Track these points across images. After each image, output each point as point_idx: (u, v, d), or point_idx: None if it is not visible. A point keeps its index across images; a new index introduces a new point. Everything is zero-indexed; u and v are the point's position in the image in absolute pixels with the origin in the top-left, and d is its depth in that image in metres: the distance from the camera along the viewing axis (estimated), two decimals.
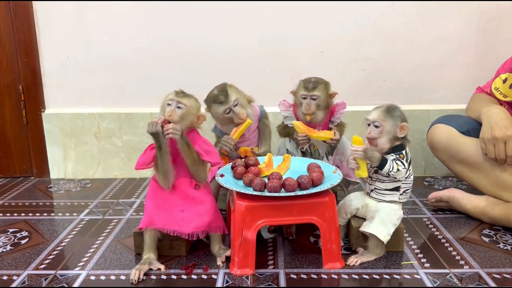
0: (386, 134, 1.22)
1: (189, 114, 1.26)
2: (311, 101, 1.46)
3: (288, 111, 1.54)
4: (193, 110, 1.27)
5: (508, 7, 1.92)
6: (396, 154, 1.23)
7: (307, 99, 1.47)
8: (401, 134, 1.22)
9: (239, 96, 1.48)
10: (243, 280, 1.17)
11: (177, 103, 1.25)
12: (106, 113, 2.03)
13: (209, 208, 1.27)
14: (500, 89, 1.59)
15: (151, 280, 1.19)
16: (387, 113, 1.21)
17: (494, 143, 1.41)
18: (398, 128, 1.21)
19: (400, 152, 1.23)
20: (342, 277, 1.19)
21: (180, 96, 1.26)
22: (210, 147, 1.31)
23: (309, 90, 1.46)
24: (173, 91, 1.28)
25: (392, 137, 1.22)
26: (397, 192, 1.27)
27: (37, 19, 1.97)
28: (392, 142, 1.23)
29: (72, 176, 2.09)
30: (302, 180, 1.20)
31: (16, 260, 1.31)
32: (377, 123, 1.22)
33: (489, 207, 1.48)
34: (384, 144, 1.22)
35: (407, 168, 1.23)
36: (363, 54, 1.97)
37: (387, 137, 1.22)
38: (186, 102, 1.25)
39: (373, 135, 1.22)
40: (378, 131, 1.22)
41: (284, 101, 1.54)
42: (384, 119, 1.21)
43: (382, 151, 1.23)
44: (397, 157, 1.22)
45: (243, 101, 1.48)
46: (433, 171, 2.03)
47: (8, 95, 2.03)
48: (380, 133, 1.22)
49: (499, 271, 1.20)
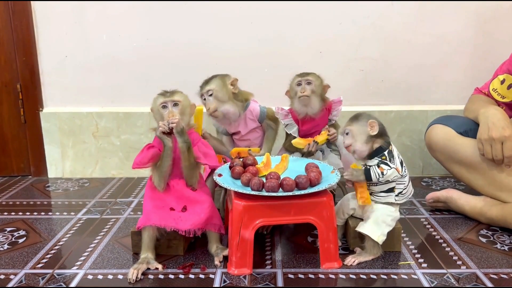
0: (357, 136, 1.24)
1: (186, 107, 1.28)
2: (306, 86, 1.48)
3: (287, 119, 1.54)
4: (186, 102, 1.29)
5: (506, 8, 1.92)
6: (378, 157, 1.24)
7: (302, 84, 1.49)
8: (373, 132, 1.23)
9: (219, 89, 1.45)
10: (240, 280, 1.17)
11: (171, 102, 1.25)
12: (104, 112, 2.03)
13: (206, 206, 1.27)
14: (498, 90, 1.60)
15: (148, 279, 1.19)
16: (352, 119, 1.27)
17: (491, 143, 1.41)
18: (367, 127, 1.23)
19: (382, 154, 1.24)
20: (339, 277, 1.19)
21: (169, 95, 1.27)
22: (209, 150, 1.31)
23: (302, 75, 1.50)
24: (158, 95, 1.29)
25: (367, 138, 1.24)
26: (392, 193, 1.27)
27: (36, 18, 1.97)
28: (371, 145, 1.24)
29: (70, 175, 2.08)
30: (300, 180, 1.20)
31: (13, 259, 1.31)
32: (346, 130, 1.27)
33: (486, 208, 1.48)
34: (360, 147, 1.24)
35: (395, 166, 1.22)
36: (361, 54, 1.97)
37: (360, 139, 1.24)
38: (178, 98, 1.27)
39: (347, 142, 1.26)
40: (350, 136, 1.26)
41: (281, 110, 1.54)
42: (350, 124, 1.26)
43: (363, 155, 1.25)
44: (380, 160, 1.23)
45: (221, 95, 1.46)
46: (431, 171, 2.03)
47: (6, 94, 2.03)
48: (352, 137, 1.25)
49: (496, 271, 1.21)
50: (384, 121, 1.94)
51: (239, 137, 1.56)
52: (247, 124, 1.54)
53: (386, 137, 1.26)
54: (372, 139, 1.24)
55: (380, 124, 1.25)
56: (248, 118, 1.54)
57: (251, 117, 1.54)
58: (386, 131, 1.27)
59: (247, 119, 1.54)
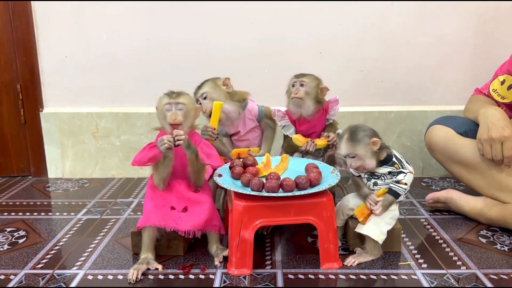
0: (364, 157, 1.22)
1: (190, 110, 1.28)
2: (300, 87, 1.48)
3: (284, 120, 1.54)
4: (191, 105, 1.28)
5: (506, 9, 1.92)
6: (388, 165, 1.24)
7: (296, 85, 1.49)
8: (377, 147, 1.22)
9: (212, 91, 1.48)
10: (240, 280, 1.17)
11: (175, 105, 1.25)
12: (104, 112, 2.03)
13: (206, 207, 1.27)
14: (498, 90, 1.60)
15: (148, 279, 1.19)
16: (352, 141, 1.21)
17: (491, 144, 1.41)
18: (370, 145, 1.21)
19: (392, 162, 1.23)
20: (339, 277, 1.19)
21: (175, 96, 1.26)
22: (211, 150, 1.31)
23: (298, 77, 1.50)
24: (164, 95, 1.28)
25: (372, 154, 1.22)
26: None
27: (36, 18, 1.97)
28: (377, 156, 1.24)
29: (70, 176, 2.08)
30: (300, 180, 1.20)
31: (13, 260, 1.31)
32: (351, 154, 1.23)
33: (486, 208, 1.48)
34: (369, 164, 1.23)
35: (408, 170, 1.24)
36: (361, 55, 1.97)
37: (367, 157, 1.22)
38: (183, 100, 1.26)
39: (355, 165, 1.23)
40: (356, 159, 1.23)
41: (278, 111, 1.54)
42: (353, 147, 1.22)
43: (372, 168, 1.24)
44: (393, 170, 1.23)
45: (216, 96, 1.48)
46: (431, 172, 2.03)
47: (6, 94, 2.03)
48: (359, 159, 1.23)
49: (496, 271, 1.21)
50: (384, 121, 1.98)
51: (238, 137, 1.57)
52: (246, 124, 1.55)
53: (386, 147, 1.26)
54: (377, 152, 1.23)
55: (377, 133, 1.25)
56: (247, 118, 1.55)
57: (250, 117, 1.55)
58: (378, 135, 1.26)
59: (246, 119, 1.55)
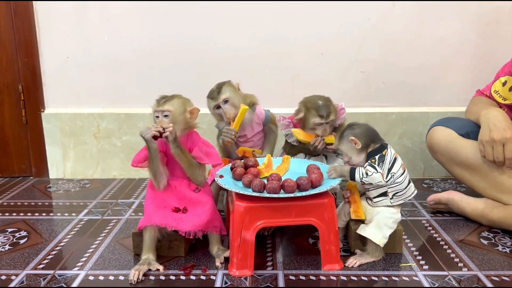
0: (349, 153, 1.27)
1: (178, 116, 1.27)
2: (326, 126, 1.48)
3: (288, 129, 1.53)
4: (178, 110, 1.27)
5: (508, 10, 1.92)
6: (369, 160, 1.24)
7: (322, 125, 1.48)
8: (358, 146, 1.24)
9: (233, 96, 1.47)
10: (241, 281, 1.17)
11: (161, 112, 1.25)
12: (106, 113, 2.03)
13: (207, 208, 1.27)
14: (500, 92, 1.60)
15: (149, 280, 1.19)
16: (339, 139, 1.30)
17: (493, 145, 1.41)
18: (351, 143, 1.25)
19: (372, 157, 1.24)
20: (340, 278, 1.19)
21: (162, 104, 1.26)
22: (210, 149, 1.31)
23: (324, 118, 1.47)
24: (155, 100, 1.29)
25: (357, 151, 1.25)
26: (386, 197, 1.27)
27: (37, 19, 1.97)
28: (364, 153, 1.25)
29: (71, 176, 2.08)
30: (301, 181, 1.20)
31: (14, 260, 1.31)
32: (338, 150, 1.34)
33: (488, 210, 1.48)
34: (356, 159, 1.26)
35: (381, 171, 1.22)
36: (362, 56, 1.97)
37: (352, 154, 1.26)
38: (169, 107, 1.25)
39: (345, 160, 1.30)
40: (344, 155, 1.29)
41: (283, 119, 1.54)
42: (338, 144, 1.30)
43: (362, 164, 1.25)
44: (369, 162, 1.23)
45: (235, 101, 1.48)
46: (432, 173, 2.03)
47: (8, 95, 2.03)
48: (345, 155, 1.28)
49: (497, 273, 1.20)
50: (385, 122, 1.98)
51: (244, 139, 1.57)
52: (253, 128, 1.56)
53: (378, 142, 1.26)
54: (363, 149, 1.25)
55: (367, 132, 1.25)
56: (255, 122, 1.56)
57: (258, 121, 1.57)
58: (377, 136, 1.27)
59: (253, 123, 1.56)
